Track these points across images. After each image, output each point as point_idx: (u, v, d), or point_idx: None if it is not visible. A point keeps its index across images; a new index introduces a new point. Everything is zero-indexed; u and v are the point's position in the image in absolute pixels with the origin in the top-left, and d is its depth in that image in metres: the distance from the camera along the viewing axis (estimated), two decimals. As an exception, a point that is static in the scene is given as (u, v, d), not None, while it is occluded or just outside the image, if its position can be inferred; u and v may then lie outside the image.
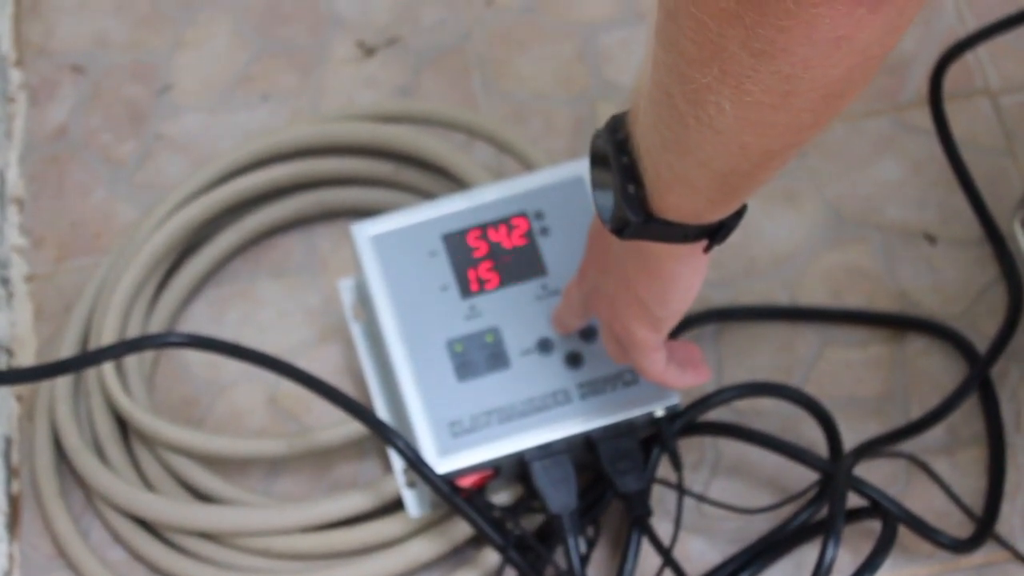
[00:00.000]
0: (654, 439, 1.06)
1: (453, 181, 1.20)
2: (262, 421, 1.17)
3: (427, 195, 1.22)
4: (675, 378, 0.98)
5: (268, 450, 1.11)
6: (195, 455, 1.12)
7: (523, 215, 1.08)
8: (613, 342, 0.98)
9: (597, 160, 0.87)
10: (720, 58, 0.69)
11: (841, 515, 0.98)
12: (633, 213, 0.83)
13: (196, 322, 1.22)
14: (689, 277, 0.89)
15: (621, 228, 0.84)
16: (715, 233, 0.85)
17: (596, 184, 0.87)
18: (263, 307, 1.22)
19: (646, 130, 0.80)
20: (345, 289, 1.14)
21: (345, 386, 1.17)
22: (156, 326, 1.19)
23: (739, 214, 0.84)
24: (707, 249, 0.86)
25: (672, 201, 0.82)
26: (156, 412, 1.16)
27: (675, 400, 1.04)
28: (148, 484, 1.13)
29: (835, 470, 1.02)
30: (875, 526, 1.06)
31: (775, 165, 0.76)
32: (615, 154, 0.83)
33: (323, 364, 1.19)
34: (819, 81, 0.68)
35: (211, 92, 1.31)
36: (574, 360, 1.05)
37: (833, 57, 0.67)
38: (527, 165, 1.19)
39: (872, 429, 1.13)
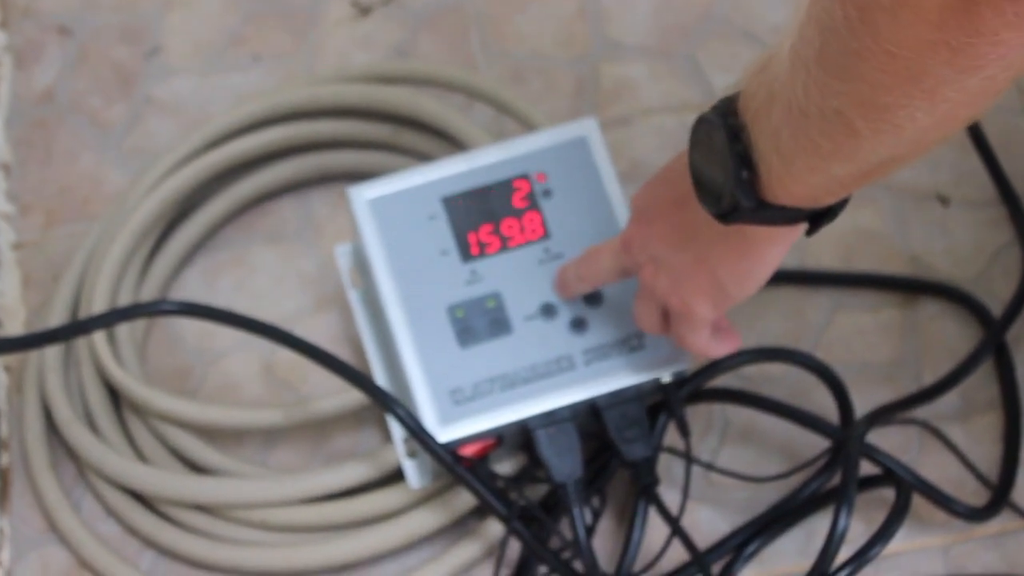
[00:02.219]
0: (661, 406, 1.06)
1: (452, 143, 1.20)
2: (258, 391, 1.17)
3: (426, 158, 1.21)
4: (715, 348, 0.98)
5: (264, 420, 1.11)
6: (189, 426, 1.12)
7: (524, 177, 1.07)
8: (656, 313, 0.98)
9: (701, 142, 0.86)
10: (920, 81, 0.69)
11: (854, 483, 0.98)
12: (746, 199, 0.83)
13: (188, 290, 1.21)
14: (777, 257, 0.90)
15: (728, 212, 0.84)
16: (824, 215, 0.85)
17: (699, 166, 0.87)
18: (257, 274, 1.21)
19: (782, 134, 0.79)
20: (342, 255, 1.13)
21: (343, 354, 1.16)
22: (147, 294, 1.19)
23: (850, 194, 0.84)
24: (811, 232, 0.86)
25: (794, 189, 0.81)
26: (149, 382, 1.15)
27: (684, 366, 1.04)
28: (141, 456, 1.12)
29: (847, 437, 1.01)
30: (888, 495, 1.05)
31: (935, 147, 0.76)
32: (729, 141, 0.82)
33: (320, 332, 1.18)
34: (1021, 70, 0.68)
35: (202, 54, 1.30)
36: (578, 325, 1.04)
37: None
38: (528, 126, 1.18)
39: (884, 395, 1.13)
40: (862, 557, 0.97)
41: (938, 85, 0.69)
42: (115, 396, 1.14)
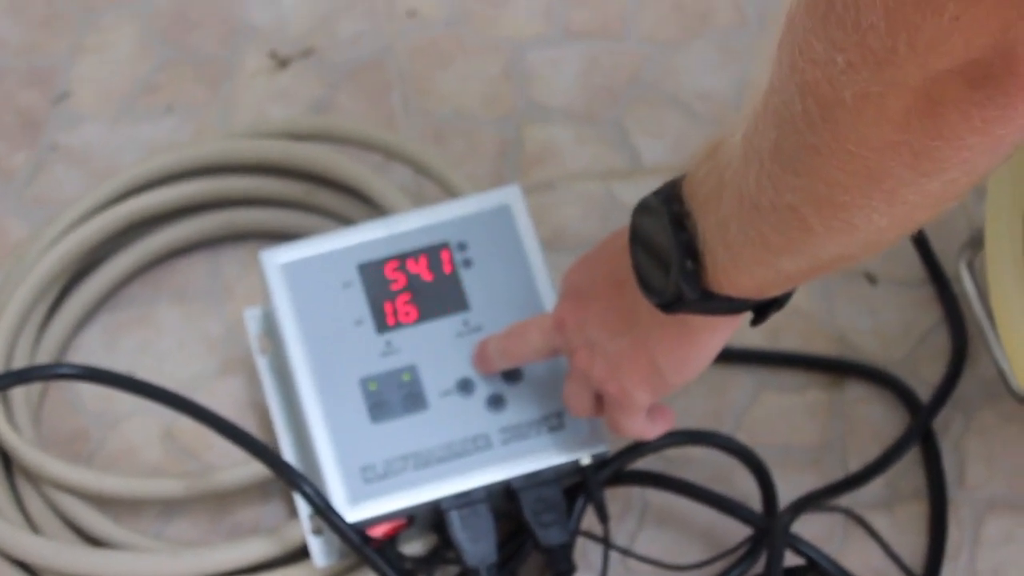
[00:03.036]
0: (579, 487, 1.02)
1: (369, 205, 1.15)
2: (158, 457, 1.12)
3: (341, 219, 1.17)
4: (650, 430, 0.95)
5: (163, 491, 1.06)
6: (83, 494, 1.06)
7: (445, 246, 1.03)
8: (589, 397, 0.94)
9: (643, 228, 0.83)
10: (880, 183, 0.66)
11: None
12: (691, 291, 0.80)
13: (89, 350, 1.16)
14: (719, 344, 0.87)
15: (671, 303, 0.81)
16: (771, 305, 0.82)
17: (640, 253, 0.84)
18: (162, 335, 1.16)
19: (730, 227, 0.76)
20: (251, 319, 1.09)
21: (249, 423, 1.12)
22: (46, 354, 1.13)
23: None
24: (756, 322, 0.83)
25: (740, 281, 0.78)
26: (43, 447, 1.10)
27: (604, 447, 1.00)
28: (32, 525, 1.07)
29: (771, 528, 0.97)
30: (811, 585, 1.02)
31: (888, 247, 0.73)
32: (673, 229, 0.80)
33: (225, 398, 1.13)
34: (983, 174, 0.65)
35: (112, 101, 1.25)
36: (496, 402, 1.00)
37: (1006, 153, 0.63)
38: (447, 190, 1.15)
39: (808, 480, 1.09)
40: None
41: (898, 187, 0.66)
42: (7, 461, 1.09)
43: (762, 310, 0.83)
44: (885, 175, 0.66)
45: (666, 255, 0.81)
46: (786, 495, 1.06)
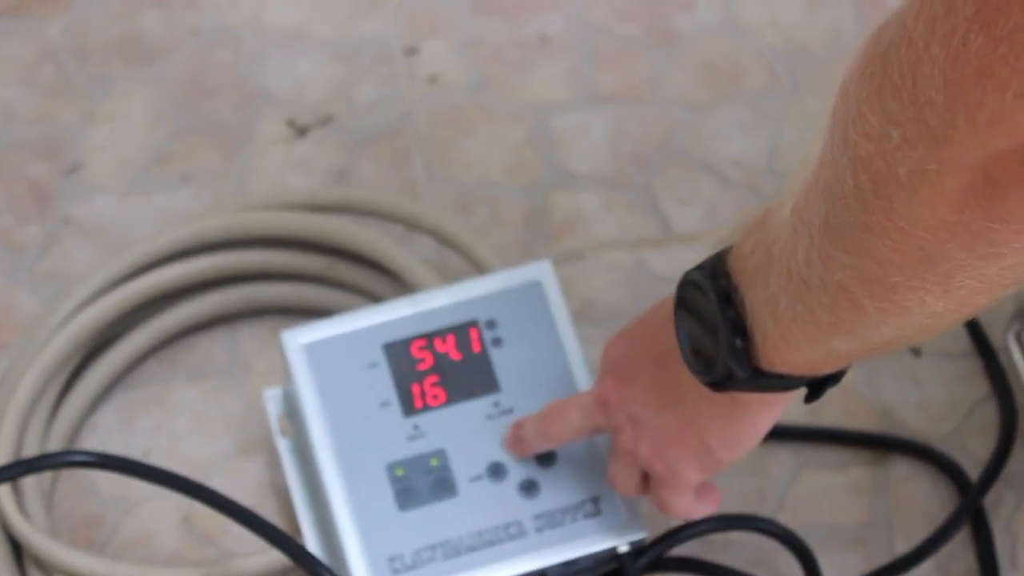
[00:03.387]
0: (616, 574, 0.97)
1: (392, 278, 1.11)
2: (175, 544, 1.07)
3: (364, 293, 1.13)
4: (698, 510, 0.91)
5: (182, 581, 1.01)
6: (98, 584, 1.02)
7: (474, 324, 0.98)
8: (636, 476, 0.90)
9: (689, 304, 0.79)
10: (932, 263, 0.62)
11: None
12: (741, 369, 0.76)
13: (104, 430, 1.11)
14: (771, 421, 0.83)
15: (721, 381, 0.77)
16: (825, 382, 0.78)
17: (685, 331, 0.80)
18: (178, 414, 1.12)
19: (780, 302, 0.72)
20: (271, 400, 1.04)
21: (269, 505, 1.07)
22: (59, 433, 1.09)
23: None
24: (810, 399, 0.79)
25: (790, 358, 0.74)
26: (55, 533, 1.05)
27: (642, 534, 0.95)
28: (45, 618, 1.02)
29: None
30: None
31: (943, 331, 0.69)
32: (720, 306, 0.76)
33: (245, 479, 1.09)
34: None
35: (126, 172, 1.21)
36: (529, 488, 0.96)
37: None
38: (473, 262, 1.10)
39: (853, 561, 1.04)
40: None
41: (954, 270, 0.62)
42: (18, 549, 1.04)
43: (817, 386, 0.79)
44: (940, 257, 0.62)
45: (713, 332, 0.77)
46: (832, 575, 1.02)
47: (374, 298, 1.13)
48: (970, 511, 1.04)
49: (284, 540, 0.94)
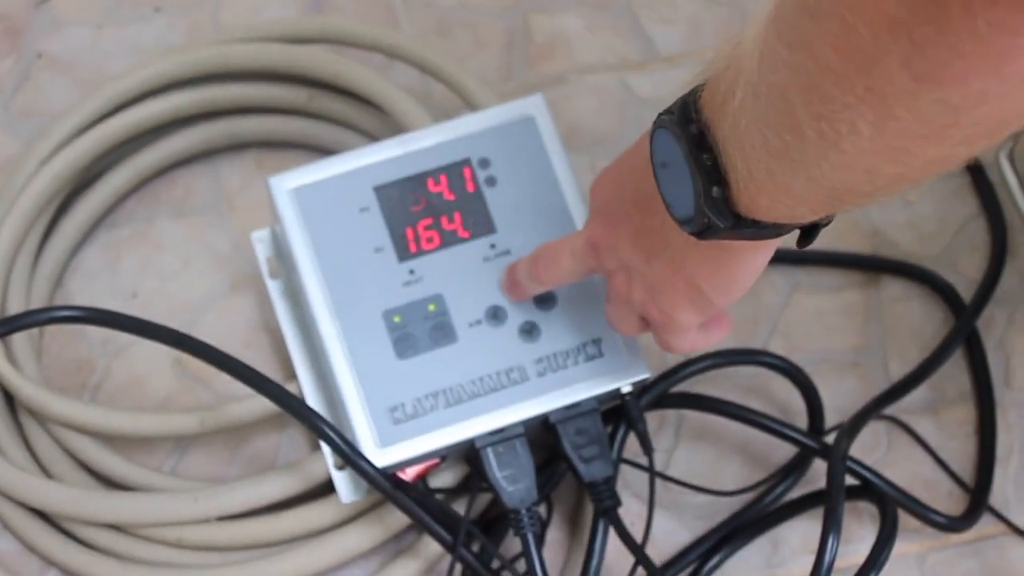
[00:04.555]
0: (617, 412, 0.88)
1: (374, 108, 1.00)
2: (167, 386, 0.98)
3: (345, 125, 1.02)
4: (705, 341, 0.81)
5: (176, 427, 0.92)
6: (92, 433, 0.92)
7: (467, 163, 0.88)
8: (634, 317, 0.80)
9: (661, 152, 0.68)
10: (869, 74, 0.51)
11: (841, 508, 0.81)
12: (720, 218, 0.66)
13: (90, 271, 1.01)
14: (763, 262, 0.73)
15: (703, 231, 0.67)
16: (811, 231, 0.67)
17: (663, 180, 0.69)
18: (164, 252, 1.02)
19: (740, 124, 0.61)
20: (259, 242, 0.94)
21: (262, 343, 0.98)
22: (43, 276, 0.99)
23: None
24: (803, 242, 0.69)
25: (765, 204, 0.64)
26: (46, 379, 0.96)
27: (645, 374, 0.86)
28: (41, 465, 0.93)
29: (831, 456, 0.84)
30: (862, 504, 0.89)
31: (903, 190, 0.58)
32: (693, 152, 0.65)
33: (236, 318, 0.99)
34: (992, 117, 0.50)
35: (96, 3, 1.08)
36: (530, 331, 0.86)
37: (1021, 94, 0.48)
38: (455, 90, 0.99)
39: (850, 385, 0.96)
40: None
41: (887, 88, 0.52)
42: (10, 400, 0.95)
43: (807, 231, 0.69)
44: (876, 65, 0.52)
45: (689, 182, 0.67)
46: (828, 401, 0.93)
47: (357, 130, 1.02)
48: (964, 332, 0.95)
49: (283, 395, 0.84)
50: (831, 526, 0.79)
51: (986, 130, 0.52)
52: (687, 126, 0.65)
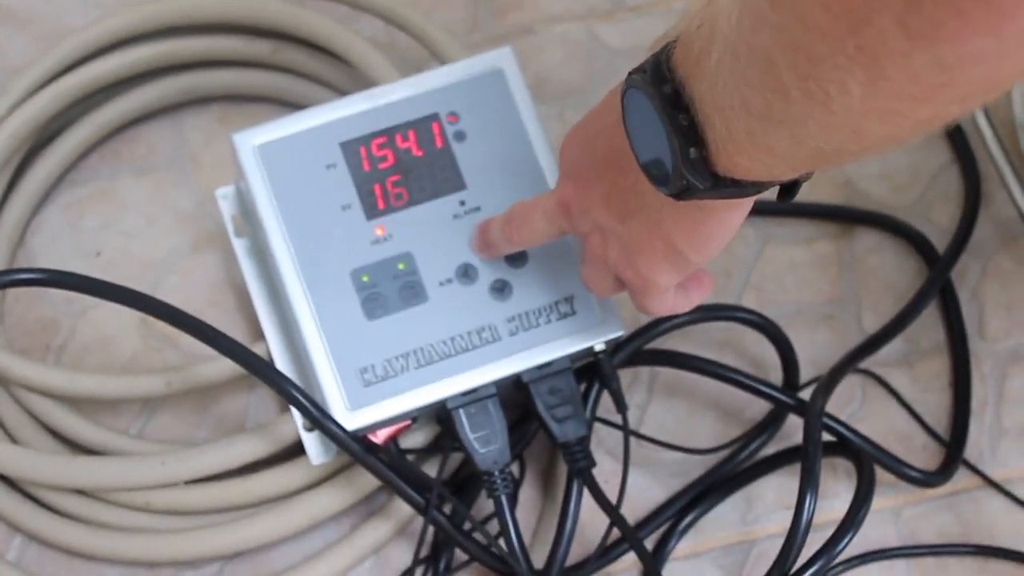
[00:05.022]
0: (590, 369, 0.86)
1: (340, 61, 0.97)
2: (133, 346, 0.94)
3: (310, 78, 0.98)
4: (685, 303, 0.77)
5: (143, 389, 0.89)
6: (57, 397, 0.89)
7: (435, 118, 0.85)
8: (609, 278, 0.77)
9: (634, 110, 0.65)
10: (860, 33, 0.48)
11: (818, 466, 0.79)
12: (699, 179, 0.62)
13: (52, 229, 0.97)
14: (740, 219, 0.70)
15: (681, 192, 0.64)
16: (791, 187, 0.65)
17: (639, 141, 0.66)
18: (127, 210, 0.98)
19: (718, 84, 0.58)
20: (224, 199, 0.90)
21: (228, 302, 0.95)
22: (4, 236, 0.95)
23: None
24: (782, 196, 0.66)
25: (745, 164, 0.61)
26: (9, 341, 0.93)
27: (619, 331, 0.84)
28: (5, 430, 0.90)
29: (807, 413, 0.82)
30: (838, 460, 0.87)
31: (891, 148, 0.55)
32: (668, 112, 0.62)
33: (200, 277, 0.96)
34: (987, 76, 0.47)
35: (53, -45, 1.05)
36: (501, 290, 0.83)
37: (1018, 53, 0.45)
38: (421, 40, 0.96)
39: (823, 338, 0.94)
40: (830, 551, 0.78)
41: (880, 47, 0.49)
42: (-29, 363, 0.91)
43: (787, 187, 0.66)
44: (868, 25, 0.49)
45: (665, 142, 0.63)
46: (802, 354, 0.91)
47: (321, 83, 0.98)
48: (938, 284, 0.93)
49: (250, 358, 0.81)
50: (808, 485, 0.77)
51: (980, 89, 0.50)
52: (661, 85, 0.62)
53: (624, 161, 0.70)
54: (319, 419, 0.79)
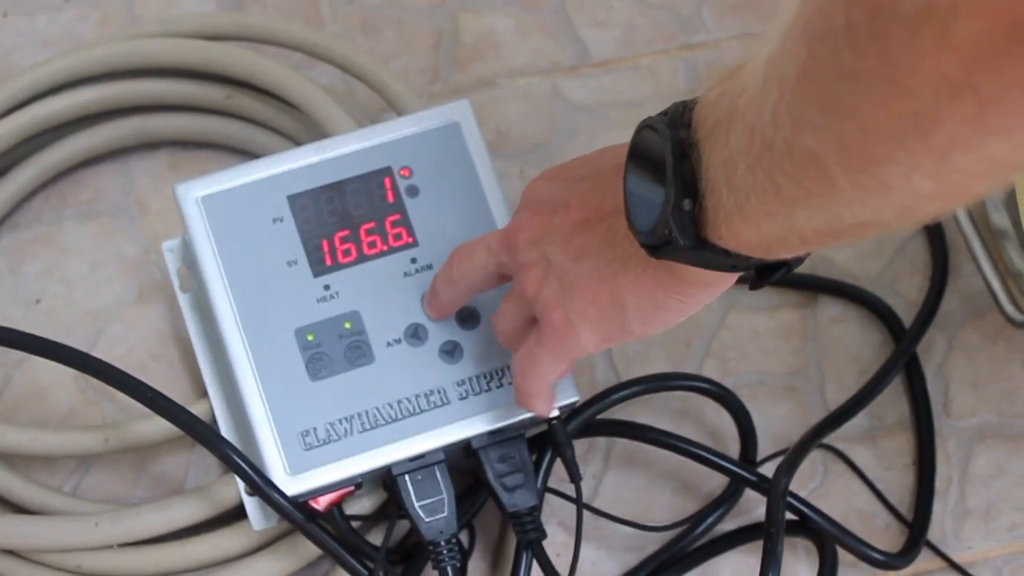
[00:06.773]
0: (544, 437, 0.82)
1: (293, 109, 0.93)
2: (71, 399, 0.90)
3: (263, 125, 0.95)
4: (548, 402, 0.75)
5: (79, 446, 0.85)
6: (-12, 450, 0.85)
7: (387, 172, 0.81)
8: (520, 319, 0.73)
9: (642, 153, 0.62)
10: (925, 134, 0.45)
11: (780, 546, 0.75)
12: (684, 235, 0.59)
13: (-11, 276, 0.93)
14: (700, 303, 0.66)
15: (658, 246, 0.60)
16: (775, 268, 0.61)
17: (634, 180, 0.63)
18: (70, 257, 0.94)
19: (738, 165, 0.55)
20: (170, 252, 0.86)
21: (172, 356, 0.91)
22: (-60, 281, 0.91)
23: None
24: (755, 285, 0.62)
25: (743, 232, 0.57)
26: (-60, 391, 0.88)
27: (574, 398, 0.80)
28: (-69, 484, 0.86)
29: (771, 492, 0.78)
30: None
31: (928, 220, 0.52)
32: (674, 158, 0.59)
33: (144, 328, 0.92)
34: None
35: (4, -9, 1.01)
36: (451, 352, 0.79)
37: None
38: (378, 91, 0.92)
39: (785, 411, 0.90)
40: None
41: (951, 147, 0.46)
42: (-102, 413, 0.87)
43: (765, 272, 0.63)
44: (937, 128, 0.45)
45: (662, 187, 0.60)
46: (763, 427, 0.87)
47: (276, 131, 0.95)
48: (904, 358, 0.90)
49: (189, 420, 0.77)
50: (770, 566, 0.73)
51: None
52: (676, 130, 0.59)
53: (607, 200, 0.66)
54: (258, 485, 0.75)
